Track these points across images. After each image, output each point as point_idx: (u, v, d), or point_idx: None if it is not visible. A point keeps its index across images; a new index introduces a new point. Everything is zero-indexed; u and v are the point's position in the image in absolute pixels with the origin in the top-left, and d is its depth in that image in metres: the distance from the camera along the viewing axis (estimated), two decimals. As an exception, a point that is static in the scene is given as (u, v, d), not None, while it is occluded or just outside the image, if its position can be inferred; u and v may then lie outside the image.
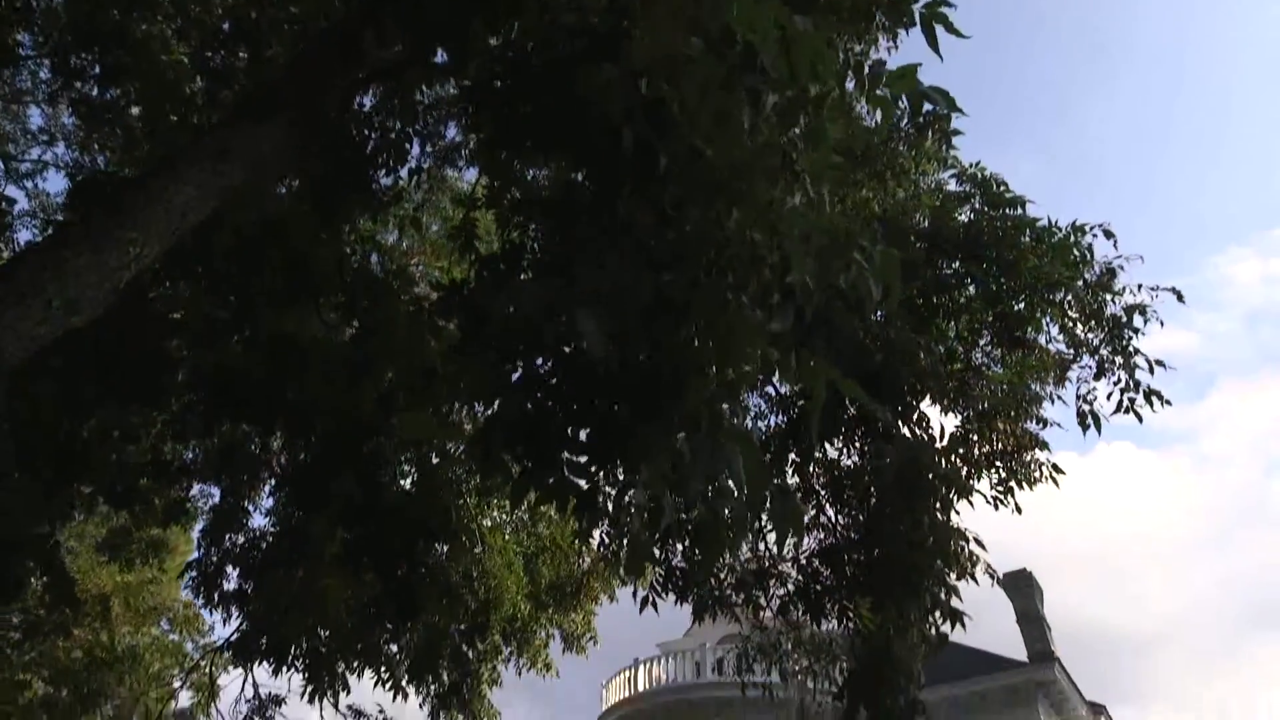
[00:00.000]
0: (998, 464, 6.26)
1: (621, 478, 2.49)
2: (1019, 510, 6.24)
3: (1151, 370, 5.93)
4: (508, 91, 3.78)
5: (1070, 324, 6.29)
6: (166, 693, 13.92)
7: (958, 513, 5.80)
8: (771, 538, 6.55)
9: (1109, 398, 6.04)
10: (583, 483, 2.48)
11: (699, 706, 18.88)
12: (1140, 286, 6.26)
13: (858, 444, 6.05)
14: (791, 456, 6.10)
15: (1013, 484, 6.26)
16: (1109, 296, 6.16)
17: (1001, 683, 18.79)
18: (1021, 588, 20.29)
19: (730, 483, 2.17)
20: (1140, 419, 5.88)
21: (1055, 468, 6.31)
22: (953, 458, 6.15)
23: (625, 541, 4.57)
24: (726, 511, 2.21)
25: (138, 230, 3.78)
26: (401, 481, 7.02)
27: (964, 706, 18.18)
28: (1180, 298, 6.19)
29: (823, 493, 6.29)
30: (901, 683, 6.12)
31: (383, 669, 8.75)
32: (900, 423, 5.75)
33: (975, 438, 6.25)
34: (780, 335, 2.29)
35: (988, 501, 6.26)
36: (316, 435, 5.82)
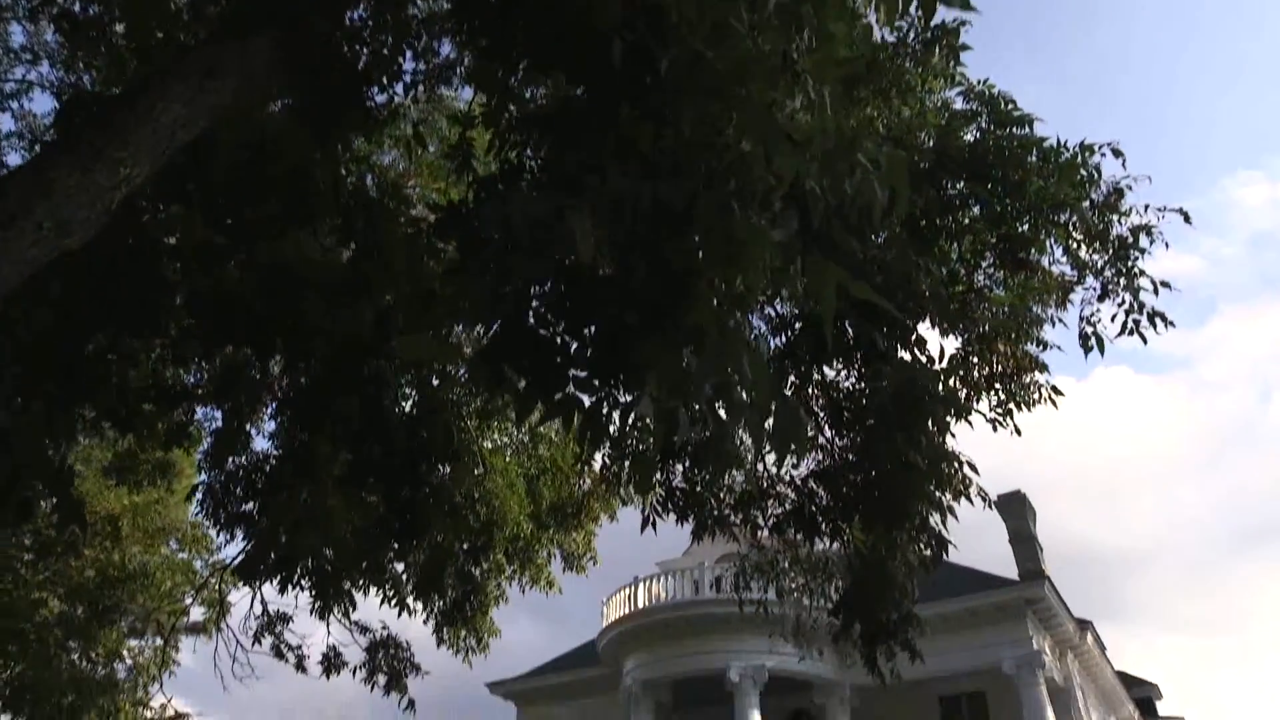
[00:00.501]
0: (997, 386, 6.29)
1: (626, 396, 2.47)
2: (1018, 432, 6.30)
3: (1156, 291, 5.89)
4: (501, 2, 3.66)
5: (1075, 245, 6.22)
6: (179, 609, 14.33)
7: (953, 436, 5.85)
8: (770, 458, 6.63)
9: (1113, 319, 6.01)
10: (587, 399, 2.46)
11: (697, 623, 19.41)
12: (1147, 207, 6.17)
13: (857, 366, 6.06)
14: (790, 379, 6.12)
15: (1011, 406, 6.30)
16: (1115, 217, 6.08)
17: (992, 600, 19.30)
18: (1015, 509, 20.69)
19: (741, 391, 2.14)
20: (1145, 340, 5.86)
21: (1054, 390, 6.34)
22: (952, 380, 6.17)
23: (629, 461, 4.62)
24: (738, 425, 2.19)
25: (127, 150, 3.72)
26: (403, 403, 7.06)
27: (955, 622, 18.72)
28: (1187, 219, 6.10)
29: (821, 415, 6.33)
30: (896, 598, 6.29)
31: (388, 586, 8.97)
32: (899, 345, 5.74)
33: (975, 360, 6.26)
34: (785, 243, 2.25)
35: (987, 422, 6.31)
36: (316, 358, 5.82)
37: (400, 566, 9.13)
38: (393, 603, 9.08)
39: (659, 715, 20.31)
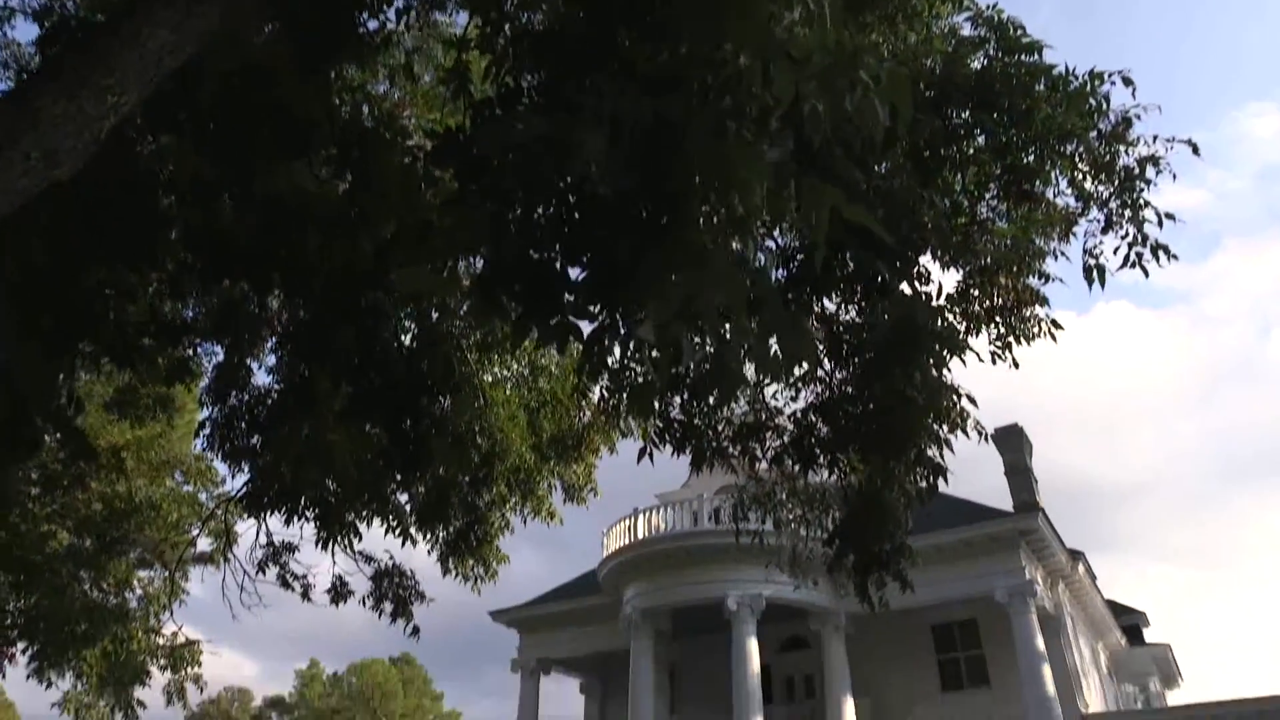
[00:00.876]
0: (997, 319, 6.27)
1: (626, 326, 2.45)
2: (1016, 365, 6.30)
3: (1161, 224, 5.82)
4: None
5: (1080, 177, 6.12)
6: (186, 540, 14.57)
7: (949, 371, 5.85)
8: (770, 389, 6.66)
9: (1115, 252, 5.96)
10: (586, 325, 2.45)
11: (696, 553, 19.77)
12: (1155, 138, 6.06)
13: (857, 299, 6.03)
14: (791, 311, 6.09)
15: (1011, 339, 6.29)
16: (1122, 148, 5.97)
17: (986, 531, 19.62)
18: (1012, 442, 20.89)
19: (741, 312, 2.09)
20: (1147, 274, 5.82)
21: (1054, 323, 6.33)
22: (953, 313, 6.15)
23: (627, 392, 4.63)
24: (742, 346, 2.17)
25: (114, 77, 3.63)
26: (402, 336, 7.06)
27: (949, 553, 19.07)
28: (1196, 150, 5.99)
29: (820, 347, 6.33)
30: (890, 529, 6.38)
31: (391, 518, 9.09)
32: (901, 277, 5.70)
33: (976, 293, 6.23)
34: (780, 164, 2.20)
35: (981, 360, 6.31)
36: (314, 292, 5.79)
37: (404, 498, 9.25)
38: (396, 533, 9.21)
39: (659, 642, 20.84)
